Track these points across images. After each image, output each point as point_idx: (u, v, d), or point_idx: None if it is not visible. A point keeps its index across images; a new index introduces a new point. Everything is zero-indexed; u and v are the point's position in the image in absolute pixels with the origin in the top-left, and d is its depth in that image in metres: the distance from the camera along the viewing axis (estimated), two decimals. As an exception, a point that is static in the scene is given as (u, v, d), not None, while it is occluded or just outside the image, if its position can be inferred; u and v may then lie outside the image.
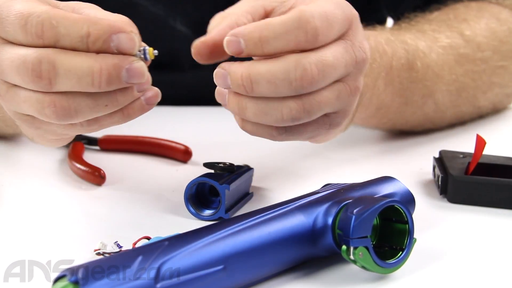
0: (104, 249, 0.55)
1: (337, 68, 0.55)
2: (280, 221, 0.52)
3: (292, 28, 0.54)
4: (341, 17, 0.56)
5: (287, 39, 0.54)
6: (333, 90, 0.56)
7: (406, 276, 0.53)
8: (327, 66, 0.55)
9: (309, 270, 0.54)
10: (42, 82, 0.52)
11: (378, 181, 0.59)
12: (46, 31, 0.51)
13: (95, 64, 0.51)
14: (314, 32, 0.54)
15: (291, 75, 0.54)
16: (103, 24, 0.52)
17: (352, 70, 0.57)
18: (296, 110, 0.55)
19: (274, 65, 0.54)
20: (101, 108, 0.53)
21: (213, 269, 0.48)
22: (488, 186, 0.66)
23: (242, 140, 0.82)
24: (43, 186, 0.70)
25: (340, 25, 0.56)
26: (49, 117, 0.53)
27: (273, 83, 0.54)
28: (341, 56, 0.56)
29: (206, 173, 0.63)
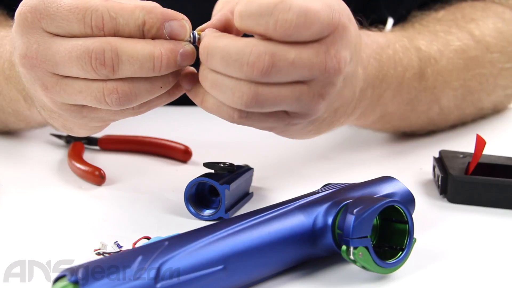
0: (104, 249, 0.55)
1: (298, 69, 0.55)
2: (280, 221, 0.52)
3: (265, 13, 0.53)
4: (324, 20, 0.55)
5: (258, 22, 0.54)
6: (293, 90, 0.56)
7: (406, 276, 0.53)
8: (284, 62, 0.54)
9: (309, 270, 0.54)
10: (105, 69, 0.54)
11: (378, 181, 0.59)
12: (107, 23, 0.54)
13: (155, 49, 0.55)
14: (284, 25, 0.53)
15: (243, 58, 0.54)
16: (157, 13, 0.55)
17: (319, 76, 0.56)
18: (247, 97, 0.55)
19: (232, 43, 0.54)
20: (157, 90, 0.57)
21: (213, 269, 0.48)
22: (488, 186, 0.66)
23: (242, 140, 0.83)
24: (43, 186, 0.70)
25: (320, 28, 0.55)
26: (111, 104, 0.55)
27: (225, 60, 0.54)
28: (308, 58, 0.55)
29: (206, 173, 0.63)
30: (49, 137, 0.82)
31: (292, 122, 0.59)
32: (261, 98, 0.55)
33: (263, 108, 0.56)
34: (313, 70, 0.55)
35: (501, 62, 0.88)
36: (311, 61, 0.55)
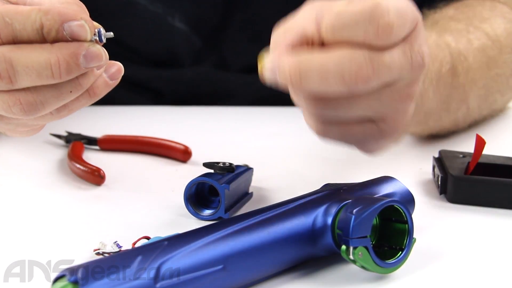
0: (104, 249, 0.55)
1: (392, 71, 0.52)
2: (280, 221, 0.52)
3: (363, 20, 0.51)
4: (411, 17, 0.53)
5: (355, 31, 0.51)
6: (376, 92, 0.53)
7: (405, 276, 0.53)
8: (383, 67, 0.51)
9: (309, 270, 0.54)
10: (2, 82, 0.51)
11: (377, 181, 0.59)
12: (2, 30, 0.51)
13: (51, 56, 0.51)
14: (387, 29, 0.51)
15: (345, 71, 0.51)
16: (54, 14, 0.51)
17: (406, 75, 0.53)
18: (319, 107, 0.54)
19: (327, 57, 0.51)
20: (66, 95, 0.54)
21: (212, 269, 0.48)
22: (487, 186, 0.66)
23: (242, 140, 0.83)
24: (43, 186, 0.70)
25: (410, 25, 0.53)
26: (17, 114, 0.53)
27: (324, 77, 0.51)
28: (398, 58, 0.52)
29: (205, 173, 0.63)
30: (49, 137, 0.82)
31: (382, 132, 0.56)
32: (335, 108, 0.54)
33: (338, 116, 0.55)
34: (402, 70, 0.53)
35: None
36: (401, 61, 0.53)
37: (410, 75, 0.54)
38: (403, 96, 0.55)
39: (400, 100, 0.55)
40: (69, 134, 0.81)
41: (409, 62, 0.53)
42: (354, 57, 0.51)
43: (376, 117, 0.56)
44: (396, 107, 0.55)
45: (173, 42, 0.99)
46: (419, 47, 0.54)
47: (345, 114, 0.55)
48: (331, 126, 0.56)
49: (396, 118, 0.56)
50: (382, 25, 0.51)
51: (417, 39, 0.54)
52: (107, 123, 0.91)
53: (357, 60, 0.51)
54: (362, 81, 0.51)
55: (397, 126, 0.57)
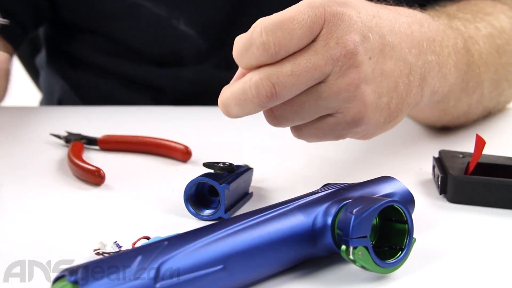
0: (104, 249, 0.55)
1: (302, 76, 0.56)
2: (280, 221, 0.52)
3: (247, 46, 0.56)
4: (306, 22, 0.56)
5: (248, 57, 0.57)
6: (311, 93, 0.57)
7: (405, 276, 0.53)
8: (284, 77, 0.56)
9: (309, 270, 0.54)
10: None
11: (377, 181, 0.59)
12: None
13: None
14: (265, 47, 0.55)
15: (248, 95, 0.56)
16: None
17: (334, 68, 0.57)
18: (275, 122, 0.59)
19: (234, 87, 0.57)
20: None
21: (212, 269, 0.48)
22: (487, 186, 0.66)
23: (242, 140, 0.83)
24: (43, 186, 0.70)
25: (305, 30, 0.56)
26: None
27: (239, 105, 0.57)
28: (307, 61, 0.56)
29: (205, 173, 0.63)
30: (49, 137, 0.82)
31: (346, 122, 0.59)
32: (285, 117, 0.58)
33: (295, 122, 0.59)
34: (321, 68, 0.56)
35: None
36: (313, 62, 0.56)
37: (339, 67, 0.57)
38: (345, 86, 0.58)
39: (345, 91, 0.58)
40: (69, 134, 0.81)
41: (327, 58, 0.56)
42: (251, 79, 0.56)
43: (330, 111, 0.59)
44: (345, 98, 0.58)
45: (179, 46, 0.99)
46: (338, 39, 0.57)
47: (300, 118, 0.59)
48: (300, 129, 0.61)
49: (355, 107, 0.59)
50: (260, 46, 0.55)
51: (333, 34, 0.57)
52: (107, 123, 0.91)
53: (253, 81, 0.56)
54: (265, 98, 0.56)
55: (366, 113, 0.60)
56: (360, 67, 0.58)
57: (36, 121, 0.92)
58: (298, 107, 0.58)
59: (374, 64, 0.60)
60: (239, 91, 0.57)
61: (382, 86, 0.61)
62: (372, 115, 0.61)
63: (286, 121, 0.60)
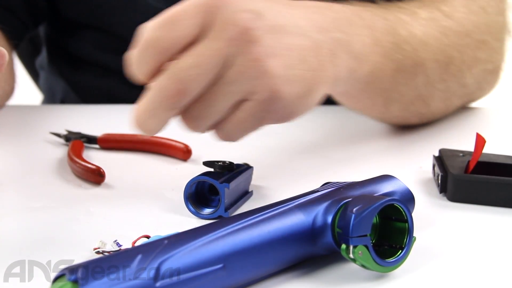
0: (104, 248, 0.55)
1: (205, 64, 0.56)
2: (280, 219, 0.52)
3: (141, 50, 0.57)
4: (195, 10, 0.57)
5: (145, 61, 0.57)
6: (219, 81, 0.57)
7: (405, 274, 0.53)
8: (188, 69, 0.56)
9: (309, 269, 0.54)
10: None
11: (377, 179, 0.59)
12: None
13: None
14: (156, 43, 0.56)
15: (157, 101, 0.57)
16: None
17: (232, 48, 0.57)
18: (187, 123, 0.60)
19: (144, 99, 0.58)
20: None
21: (212, 268, 0.48)
22: (488, 185, 0.66)
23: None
24: (43, 185, 0.70)
25: (196, 18, 0.56)
26: None
27: (153, 116, 0.58)
28: (206, 49, 0.56)
29: (205, 171, 0.63)
30: (49, 135, 0.82)
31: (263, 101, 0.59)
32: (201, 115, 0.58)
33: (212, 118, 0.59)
34: (221, 51, 0.56)
35: (476, 34, 0.86)
36: (212, 48, 0.56)
37: (236, 46, 0.57)
38: (249, 63, 0.58)
39: (250, 68, 0.58)
40: (69, 132, 0.81)
41: (224, 40, 0.56)
42: (156, 85, 0.57)
43: (244, 94, 0.59)
44: (253, 75, 0.58)
45: None
46: (228, 19, 0.57)
47: (216, 111, 0.59)
48: (222, 127, 0.61)
49: (266, 83, 0.58)
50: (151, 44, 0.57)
51: (225, 15, 0.57)
52: (107, 121, 0.91)
53: (158, 85, 0.57)
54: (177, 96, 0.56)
55: (278, 86, 0.59)
56: (259, 41, 0.58)
57: (36, 120, 0.92)
58: (211, 100, 0.58)
59: (276, 39, 0.59)
60: (148, 101, 0.57)
61: (289, 59, 0.60)
62: (286, 88, 0.59)
63: (203, 119, 0.59)
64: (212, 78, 0.57)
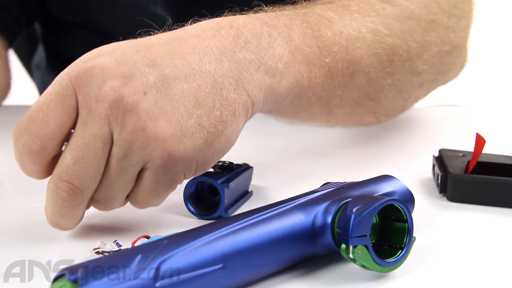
0: (104, 248, 0.55)
1: (86, 155, 0.53)
2: (280, 219, 0.52)
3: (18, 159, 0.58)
4: (55, 99, 0.53)
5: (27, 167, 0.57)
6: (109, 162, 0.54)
7: (405, 274, 0.53)
8: (71, 166, 0.53)
9: (309, 269, 0.54)
10: None
11: (377, 179, 0.59)
12: None
13: None
14: (28, 148, 0.55)
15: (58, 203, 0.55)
16: None
17: (109, 126, 0.53)
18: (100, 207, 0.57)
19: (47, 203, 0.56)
20: None
21: (212, 268, 0.48)
22: (487, 185, 0.66)
23: (242, 139, 0.82)
24: (43, 185, 0.70)
25: (59, 108, 0.53)
26: None
27: (63, 216, 0.56)
28: (81, 139, 0.53)
29: (205, 171, 0.63)
30: (49, 136, 0.82)
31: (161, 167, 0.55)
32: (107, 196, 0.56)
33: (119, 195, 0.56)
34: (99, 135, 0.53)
35: (423, 14, 0.77)
36: (87, 135, 0.53)
37: (114, 122, 0.53)
38: (130, 136, 0.53)
39: (134, 139, 0.53)
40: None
41: (96, 121, 0.53)
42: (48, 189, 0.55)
43: (140, 164, 0.55)
44: (140, 146, 0.54)
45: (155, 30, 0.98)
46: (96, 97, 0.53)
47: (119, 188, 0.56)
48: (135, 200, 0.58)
49: (156, 148, 0.54)
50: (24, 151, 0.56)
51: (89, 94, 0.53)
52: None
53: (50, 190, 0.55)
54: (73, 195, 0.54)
55: (171, 148, 0.55)
56: (135, 108, 0.53)
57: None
58: (109, 181, 0.55)
59: (155, 96, 0.54)
60: (50, 204, 0.55)
61: (177, 112, 0.55)
62: (181, 146, 0.55)
63: (111, 199, 0.56)
64: (102, 163, 0.54)
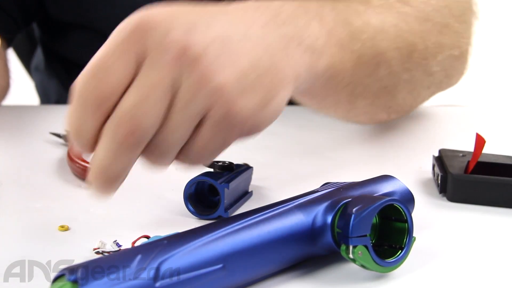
0: (103, 248, 0.55)
1: (151, 96, 0.52)
2: (279, 219, 0.52)
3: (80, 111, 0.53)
4: (121, 51, 0.52)
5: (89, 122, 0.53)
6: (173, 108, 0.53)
7: (405, 274, 0.53)
8: (136, 106, 0.52)
9: (309, 269, 0.54)
10: None
11: (377, 180, 0.59)
12: None
13: None
14: (93, 99, 0.52)
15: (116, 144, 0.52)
16: None
17: (175, 72, 0.53)
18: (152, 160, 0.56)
19: (101, 148, 0.53)
20: None
21: (212, 268, 0.48)
22: (487, 185, 0.66)
23: (242, 139, 0.82)
24: (43, 185, 0.70)
25: (122, 60, 0.52)
26: None
27: (116, 160, 0.53)
28: (147, 81, 0.52)
29: (205, 172, 0.63)
30: (49, 136, 0.82)
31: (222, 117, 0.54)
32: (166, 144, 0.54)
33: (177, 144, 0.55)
34: (164, 79, 0.52)
35: (437, 18, 0.80)
36: (153, 77, 0.52)
37: (180, 68, 0.53)
38: (197, 84, 0.53)
39: (200, 88, 0.53)
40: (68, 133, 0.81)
41: (163, 66, 0.52)
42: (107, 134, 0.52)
43: (201, 114, 0.54)
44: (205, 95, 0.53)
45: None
46: (163, 44, 0.53)
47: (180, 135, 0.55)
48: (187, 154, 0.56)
49: (219, 98, 0.54)
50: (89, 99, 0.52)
51: (155, 41, 0.53)
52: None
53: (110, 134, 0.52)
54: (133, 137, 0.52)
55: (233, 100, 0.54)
56: (201, 58, 0.53)
57: (36, 120, 0.92)
58: (168, 129, 0.54)
59: (218, 50, 0.54)
60: (104, 148, 0.53)
61: (239, 68, 0.55)
62: (243, 100, 0.55)
63: (165, 149, 0.55)
64: (164, 108, 0.53)
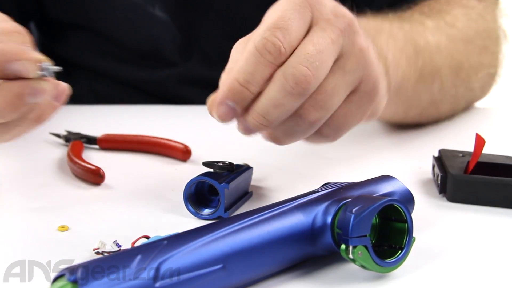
0: (103, 248, 0.55)
1: (325, 51, 0.56)
2: (279, 220, 0.52)
3: (257, 60, 0.55)
4: (297, 13, 0.56)
5: (261, 70, 0.55)
6: (335, 72, 0.57)
7: (405, 275, 0.53)
8: (313, 56, 0.55)
9: (308, 269, 0.54)
10: None
11: (377, 180, 0.59)
12: None
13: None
14: (274, 50, 0.55)
15: (287, 88, 0.55)
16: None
17: (344, 38, 0.57)
18: (308, 116, 0.57)
19: (268, 91, 0.56)
20: (12, 128, 0.56)
21: (212, 268, 0.48)
22: (487, 185, 0.66)
23: (241, 139, 0.82)
24: (43, 185, 0.70)
25: (299, 20, 0.56)
26: None
27: (279, 105, 0.56)
28: (322, 38, 0.56)
29: (205, 172, 0.63)
30: (48, 136, 0.82)
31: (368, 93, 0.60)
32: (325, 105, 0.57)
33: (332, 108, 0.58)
34: (335, 41, 0.57)
35: (478, 40, 0.91)
36: (326, 37, 0.56)
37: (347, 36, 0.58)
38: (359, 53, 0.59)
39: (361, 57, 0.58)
40: (68, 133, 0.81)
41: (335, 30, 0.57)
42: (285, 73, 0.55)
43: (355, 83, 0.59)
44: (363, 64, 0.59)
45: (154, 32, 0.99)
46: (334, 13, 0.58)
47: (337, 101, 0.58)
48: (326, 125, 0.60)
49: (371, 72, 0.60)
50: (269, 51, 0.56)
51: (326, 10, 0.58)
52: (107, 122, 0.91)
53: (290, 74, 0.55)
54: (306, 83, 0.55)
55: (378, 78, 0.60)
56: (360, 32, 0.59)
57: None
58: (331, 91, 0.57)
59: (364, 33, 0.60)
60: (274, 90, 0.56)
61: (374, 52, 0.62)
62: (382, 81, 0.61)
63: (326, 110, 0.58)
64: (330, 66, 0.57)
